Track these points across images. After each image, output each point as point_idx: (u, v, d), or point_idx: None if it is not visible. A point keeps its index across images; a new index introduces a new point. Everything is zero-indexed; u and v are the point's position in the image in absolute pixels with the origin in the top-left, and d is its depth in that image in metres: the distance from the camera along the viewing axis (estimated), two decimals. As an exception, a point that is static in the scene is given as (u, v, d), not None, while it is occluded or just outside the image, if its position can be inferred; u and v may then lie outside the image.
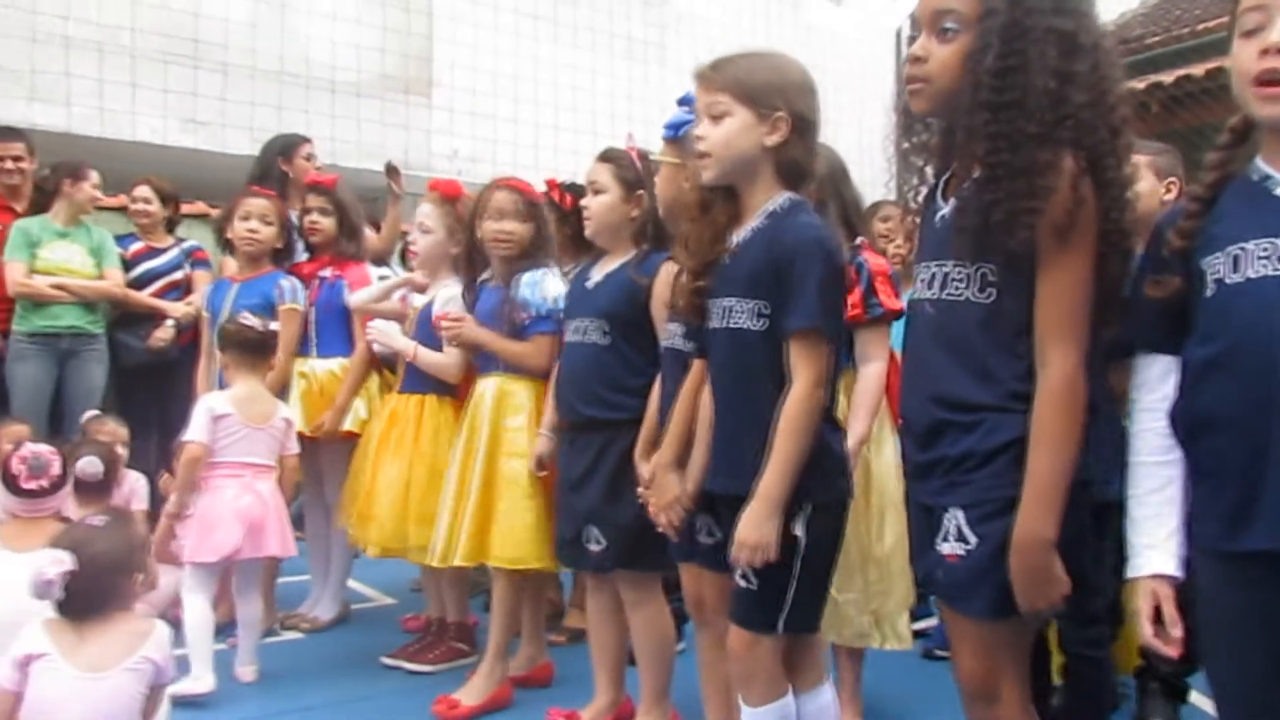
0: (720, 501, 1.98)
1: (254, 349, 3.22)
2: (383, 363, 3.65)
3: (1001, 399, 1.53)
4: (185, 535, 3.06)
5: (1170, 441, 1.51)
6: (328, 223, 3.78)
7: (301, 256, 3.99)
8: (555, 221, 3.16)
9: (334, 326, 3.73)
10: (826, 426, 1.91)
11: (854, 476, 2.14)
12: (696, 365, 2.15)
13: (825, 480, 1.88)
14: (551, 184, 3.41)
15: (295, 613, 3.80)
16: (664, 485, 2.09)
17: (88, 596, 2.13)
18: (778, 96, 1.89)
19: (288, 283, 3.71)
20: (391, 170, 4.65)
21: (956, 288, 1.57)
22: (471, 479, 2.90)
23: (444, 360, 3.19)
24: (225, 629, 3.34)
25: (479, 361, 3.09)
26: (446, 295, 3.22)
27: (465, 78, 9.16)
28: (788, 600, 1.85)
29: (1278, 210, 1.38)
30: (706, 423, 2.04)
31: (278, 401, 3.29)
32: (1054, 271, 1.49)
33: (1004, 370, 1.53)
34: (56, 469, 2.74)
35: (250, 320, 3.21)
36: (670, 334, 2.30)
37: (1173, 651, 1.45)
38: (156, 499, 3.73)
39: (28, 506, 2.71)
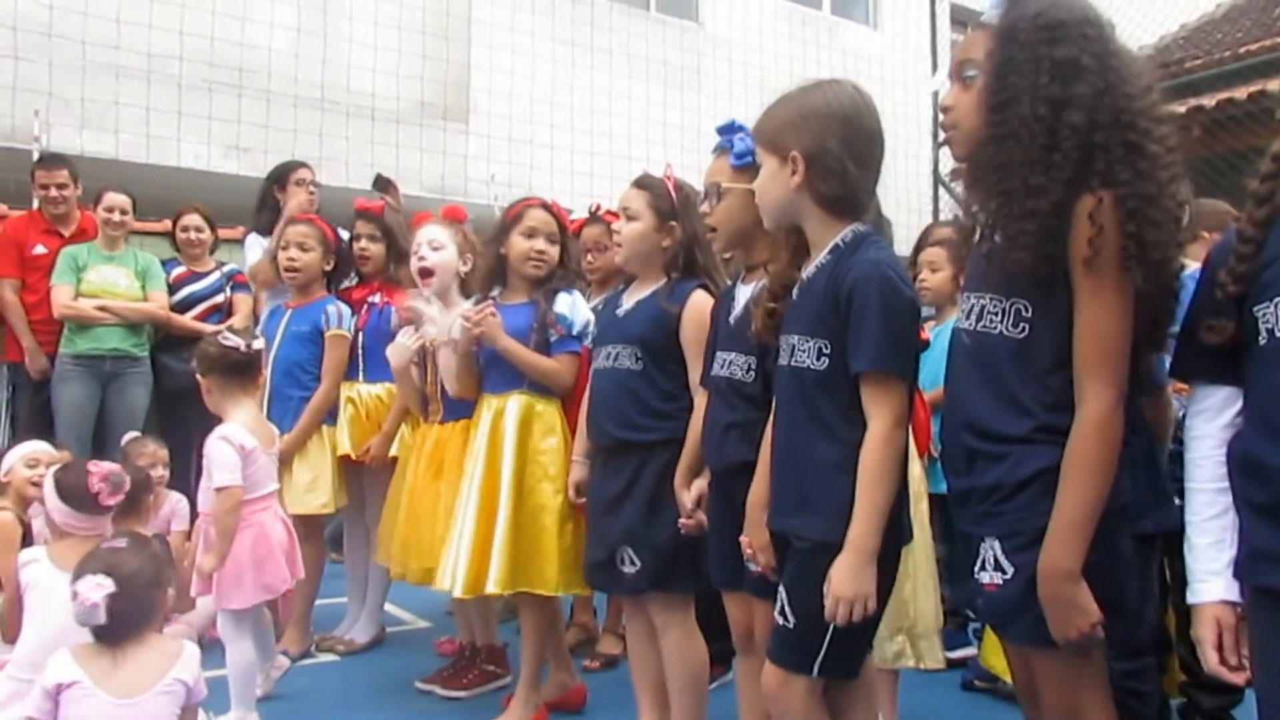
0: (776, 538, 1.96)
1: (244, 370, 3.01)
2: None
3: (1028, 432, 1.56)
4: (225, 578, 2.85)
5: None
6: (377, 249, 3.80)
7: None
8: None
9: (382, 352, 3.70)
10: None
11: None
12: None
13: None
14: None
15: (331, 635, 3.81)
16: (759, 525, 2.02)
17: (126, 618, 2.13)
18: (789, 136, 1.89)
19: (334, 308, 3.73)
20: (383, 184, 4.63)
21: (991, 320, 1.61)
22: (499, 503, 2.85)
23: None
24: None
25: (493, 379, 3.01)
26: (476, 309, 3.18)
27: (502, 104, 9.28)
28: (825, 643, 1.82)
29: None
30: (766, 454, 2.02)
31: (268, 422, 3.19)
32: (1088, 304, 1.51)
33: (1033, 404, 1.56)
34: (128, 487, 2.75)
35: (233, 340, 3.01)
36: (724, 363, 2.25)
37: (1239, 679, 1.43)
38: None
39: (89, 525, 2.68)
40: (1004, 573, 1.56)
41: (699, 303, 2.52)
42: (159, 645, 2.21)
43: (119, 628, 2.12)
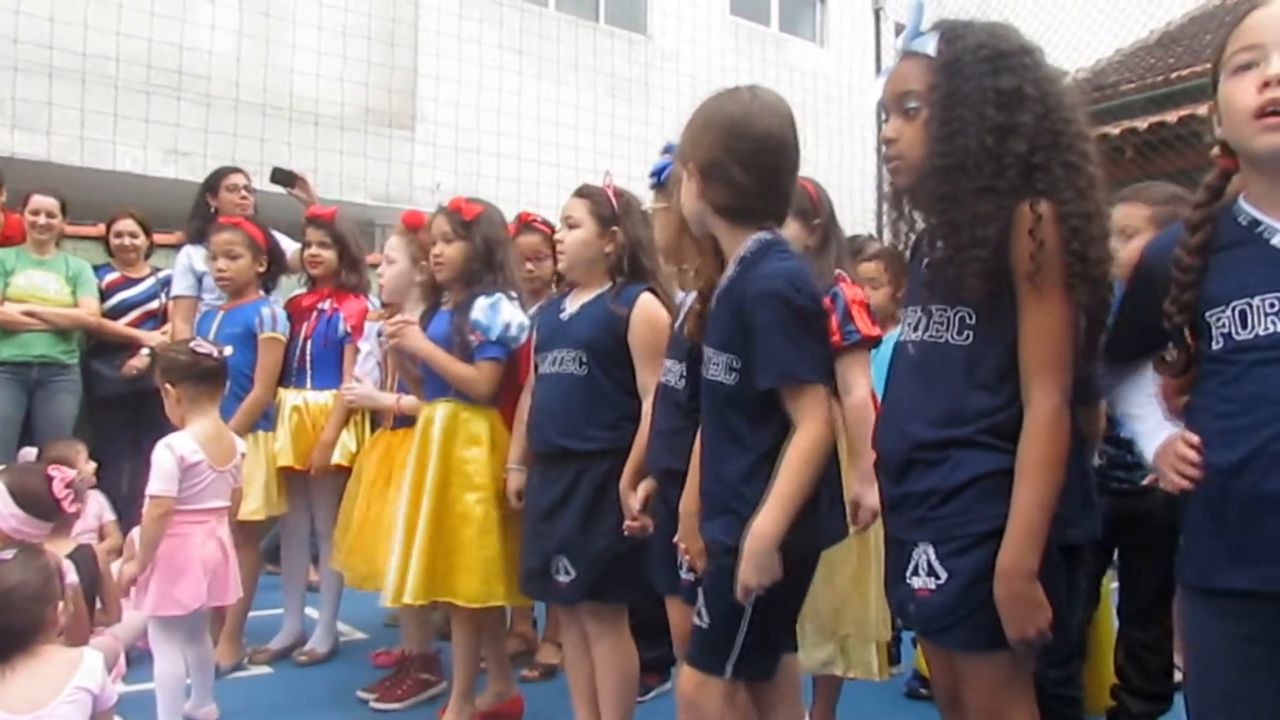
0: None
1: (213, 379, 2.96)
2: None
3: (969, 437, 1.57)
4: (146, 585, 2.78)
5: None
6: (329, 255, 3.77)
7: (300, 288, 3.99)
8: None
9: (330, 359, 3.71)
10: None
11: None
12: None
13: (793, 528, 1.84)
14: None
15: (265, 647, 3.74)
16: (693, 532, 2.02)
17: (8, 633, 2.10)
18: (688, 149, 1.91)
19: (268, 310, 3.69)
20: (282, 176, 4.53)
21: (937, 330, 1.64)
22: (421, 512, 2.82)
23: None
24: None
25: (426, 387, 3.03)
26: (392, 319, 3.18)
27: (448, 112, 9.24)
28: (737, 644, 1.82)
29: (1276, 262, 1.42)
30: (696, 461, 2.03)
31: (235, 437, 3.13)
32: (1032, 313, 1.54)
33: (975, 410, 1.58)
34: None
35: (207, 347, 2.97)
36: (666, 370, 2.27)
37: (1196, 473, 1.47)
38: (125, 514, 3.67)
39: (36, 531, 2.65)
40: (938, 578, 1.57)
41: (647, 304, 2.52)
42: (56, 656, 2.17)
43: (2, 643, 2.10)
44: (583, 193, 2.68)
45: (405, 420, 3.27)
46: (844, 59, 12.70)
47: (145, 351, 4.55)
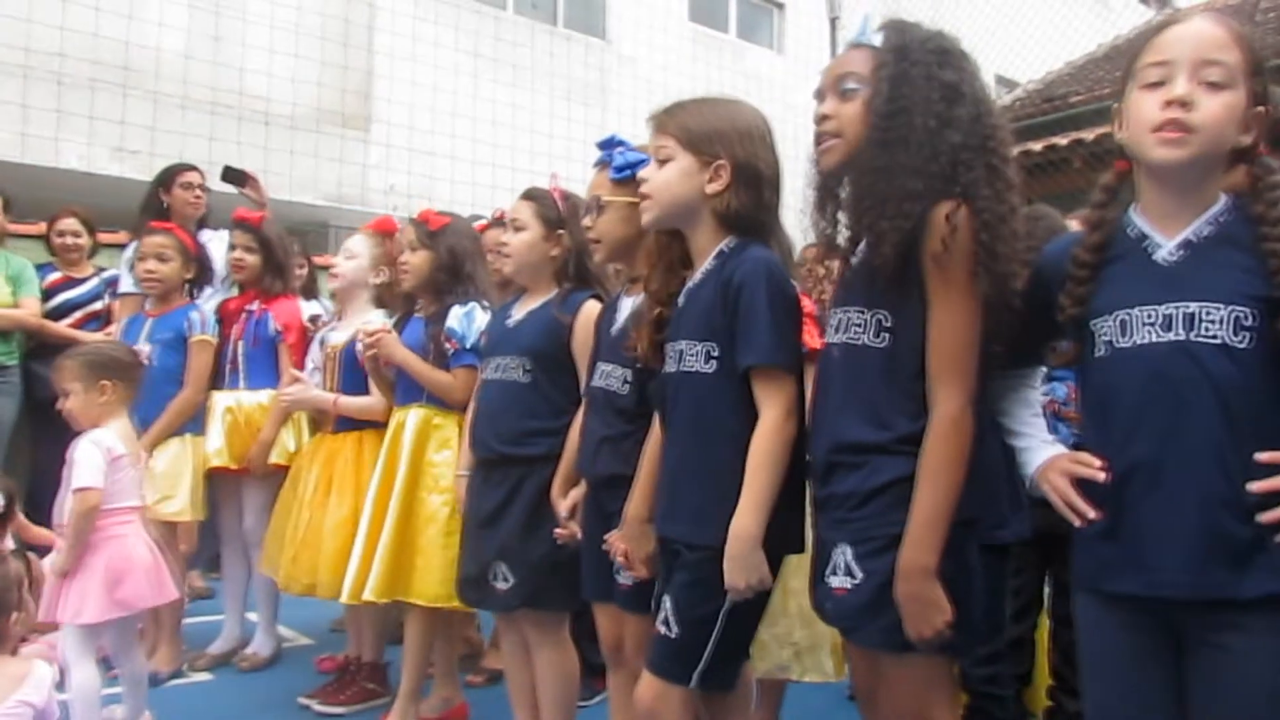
0: (663, 546, 1.95)
1: (139, 381, 2.97)
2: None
3: (890, 442, 1.61)
4: (75, 592, 2.69)
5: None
6: (252, 259, 3.75)
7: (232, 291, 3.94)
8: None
9: (262, 359, 3.70)
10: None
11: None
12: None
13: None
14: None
15: (204, 652, 3.69)
16: (642, 537, 2.02)
17: None
18: (720, 144, 1.88)
19: (197, 314, 3.69)
20: (233, 175, 4.49)
21: (856, 332, 1.67)
22: (387, 512, 2.86)
23: (368, 403, 3.17)
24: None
25: (398, 392, 3.06)
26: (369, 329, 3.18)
27: (403, 114, 9.17)
28: (706, 653, 1.82)
29: (1157, 276, 1.47)
30: (652, 466, 2.01)
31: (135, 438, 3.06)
32: (939, 309, 1.58)
33: (895, 414, 1.61)
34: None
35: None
36: (602, 374, 2.26)
37: (1095, 515, 1.48)
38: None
39: None
40: (854, 578, 1.60)
41: (591, 312, 2.51)
42: (7, 668, 2.12)
43: None
44: (529, 195, 2.67)
45: (346, 424, 3.26)
46: (801, 67, 12.80)
47: (87, 353, 4.45)
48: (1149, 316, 1.45)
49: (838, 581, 1.62)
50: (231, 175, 4.49)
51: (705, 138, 1.89)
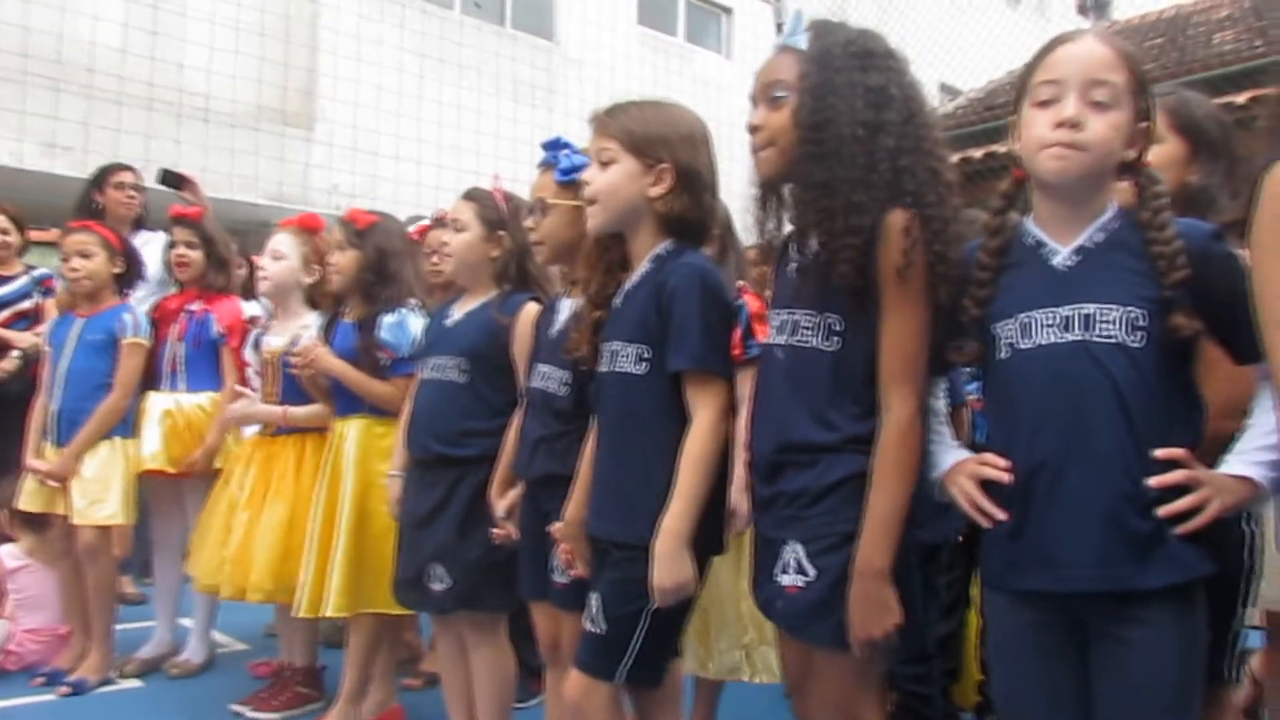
0: (594, 545, 1.96)
1: None
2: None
3: (839, 442, 1.62)
4: None
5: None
6: (195, 256, 3.68)
7: (171, 288, 3.86)
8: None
9: (202, 361, 3.62)
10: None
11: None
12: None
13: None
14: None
15: (134, 658, 3.62)
16: (582, 538, 2.01)
17: None
18: (664, 147, 1.89)
19: (130, 316, 3.59)
20: (170, 178, 4.41)
21: (805, 335, 1.67)
22: (339, 527, 2.82)
23: (318, 410, 3.12)
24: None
25: (337, 402, 3.01)
26: (308, 336, 3.13)
27: (347, 113, 9.07)
28: (632, 649, 1.83)
29: (1055, 281, 1.52)
30: (588, 465, 2.02)
31: None
32: (895, 317, 1.59)
33: (843, 416, 1.63)
34: None
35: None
36: (540, 375, 2.26)
37: (1002, 515, 1.51)
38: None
39: None
40: (807, 575, 1.61)
41: (531, 314, 2.50)
42: None
43: None
44: (470, 195, 2.66)
45: (285, 426, 3.20)
46: (749, 71, 12.84)
47: (16, 354, 4.34)
48: (1049, 318, 1.49)
49: (789, 579, 1.63)
50: (169, 178, 4.42)
51: (649, 141, 1.90)
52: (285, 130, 8.57)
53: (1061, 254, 1.53)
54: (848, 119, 1.58)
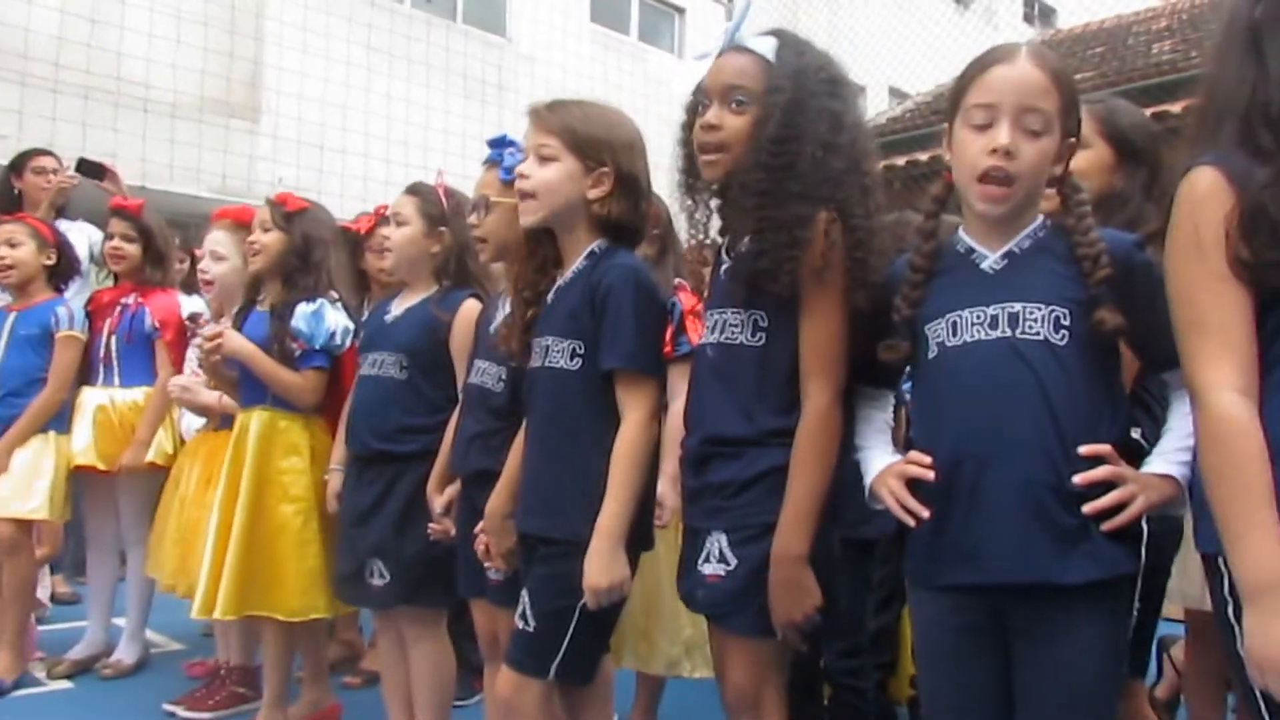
0: (523, 542, 1.97)
1: None
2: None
3: (762, 435, 1.66)
4: None
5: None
6: (132, 249, 3.60)
7: (106, 281, 3.78)
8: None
9: (137, 356, 3.55)
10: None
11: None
12: None
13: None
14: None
15: (63, 658, 3.54)
16: (502, 531, 2.03)
17: None
18: (606, 152, 1.92)
19: (65, 310, 3.52)
20: (90, 167, 4.32)
21: (733, 332, 1.72)
22: (233, 524, 2.73)
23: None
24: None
25: (243, 393, 2.92)
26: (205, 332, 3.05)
27: (293, 105, 8.95)
28: (563, 646, 1.84)
29: (984, 282, 1.56)
30: (516, 461, 2.02)
31: None
32: (813, 313, 1.64)
33: (768, 409, 1.67)
34: None
35: None
36: (478, 371, 2.26)
37: (926, 513, 1.52)
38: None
39: None
40: (728, 564, 1.65)
41: (470, 311, 2.50)
42: None
43: None
44: (413, 190, 2.64)
45: (229, 421, 3.13)
46: (701, 72, 12.91)
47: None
48: (977, 317, 1.53)
49: (711, 569, 1.66)
50: (88, 168, 4.32)
51: (591, 143, 1.92)
52: (230, 122, 8.43)
53: (990, 259, 1.57)
54: (810, 139, 1.63)
